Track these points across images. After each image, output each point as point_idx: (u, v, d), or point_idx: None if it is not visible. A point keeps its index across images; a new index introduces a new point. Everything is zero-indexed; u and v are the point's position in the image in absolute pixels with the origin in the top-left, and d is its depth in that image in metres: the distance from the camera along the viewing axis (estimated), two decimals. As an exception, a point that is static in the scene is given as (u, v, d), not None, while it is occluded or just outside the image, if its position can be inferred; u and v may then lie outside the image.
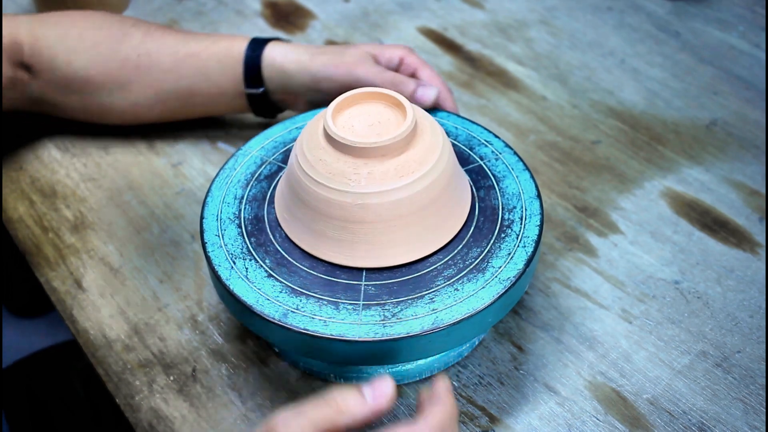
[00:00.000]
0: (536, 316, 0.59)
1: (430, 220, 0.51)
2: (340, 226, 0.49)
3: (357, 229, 0.49)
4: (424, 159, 0.49)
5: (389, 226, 0.49)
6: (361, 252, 0.50)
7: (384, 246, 0.50)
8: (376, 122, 0.51)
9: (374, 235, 0.49)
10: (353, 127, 0.50)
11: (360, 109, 0.52)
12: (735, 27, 0.89)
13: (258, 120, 0.78)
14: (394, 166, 0.49)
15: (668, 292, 0.60)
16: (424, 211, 0.50)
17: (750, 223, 0.66)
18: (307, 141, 0.51)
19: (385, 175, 0.48)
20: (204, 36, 0.69)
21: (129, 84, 0.67)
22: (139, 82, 0.67)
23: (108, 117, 0.71)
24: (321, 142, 0.50)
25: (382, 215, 0.49)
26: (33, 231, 0.68)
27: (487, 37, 0.89)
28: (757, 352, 0.56)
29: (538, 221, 0.53)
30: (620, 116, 0.77)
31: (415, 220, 0.50)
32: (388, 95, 0.51)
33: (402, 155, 0.49)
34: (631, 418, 0.52)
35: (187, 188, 0.71)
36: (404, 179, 0.48)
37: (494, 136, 0.60)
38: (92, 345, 0.58)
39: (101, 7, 0.92)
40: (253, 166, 0.59)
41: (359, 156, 0.48)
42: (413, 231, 0.50)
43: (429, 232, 0.51)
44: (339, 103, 0.51)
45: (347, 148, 0.48)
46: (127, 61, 0.67)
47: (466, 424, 0.52)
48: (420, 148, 0.50)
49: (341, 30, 0.91)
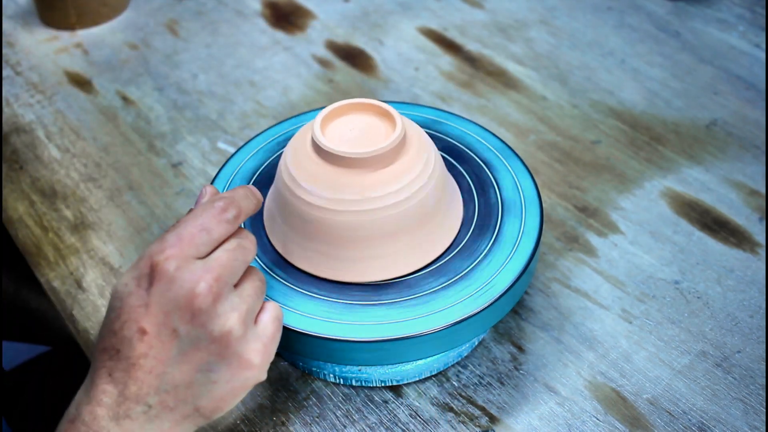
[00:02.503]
0: (536, 316, 0.59)
1: (423, 230, 0.50)
2: (328, 238, 0.49)
3: (347, 241, 0.49)
4: (414, 168, 0.49)
5: (382, 237, 0.49)
6: (351, 264, 0.50)
7: (377, 257, 0.50)
8: (364, 132, 0.50)
9: (367, 247, 0.49)
10: (341, 137, 0.50)
11: (348, 120, 0.51)
12: (735, 27, 0.89)
13: (258, 120, 0.78)
14: (384, 176, 0.48)
15: (668, 292, 0.60)
16: (417, 221, 0.50)
17: (750, 223, 0.66)
18: (294, 151, 0.51)
19: (375, 185, 0.48)
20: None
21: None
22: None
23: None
24: (309, 152, 0.50)
25: (375, 225, 0.48)
26: (33, 231, 0.68)
27: (487, 37, 0.89)
28: (757, 352, 0.56)
29: (538, 221, 0.53)
30: (620, 116, 0.77)
31: (408, 230, 0.49)
32: (376, 105, 0.51)
33: (392, 165, 0.49)
34: (631, 418, 0.52)
35: (187, 188, 0.71)
36: (395, 189, 0.48)
37: (494, 136, 0.60)
38: (92, 345, 0.58)
39: (101, 7, 0.92)
40: (253, 166, 0.59)
41: (348, 166, 0.48)
42: (406, 241, 0.50)
43: (421, 243, 0.51)
44: (327, 113, 0.51)
45: (335, 158, 0.48)
46: None
47: (466, 424, 0.52)
48: (409, 157, 0.49)
49: (341, 30, 0.91)
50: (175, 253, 0.39)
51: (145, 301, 0.39)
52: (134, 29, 0.92)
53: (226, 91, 0.82)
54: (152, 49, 0.89)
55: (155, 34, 0.92)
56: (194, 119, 0.78)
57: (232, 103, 0.80)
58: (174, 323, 0.39)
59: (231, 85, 0.83)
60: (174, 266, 0.39)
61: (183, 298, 0.39)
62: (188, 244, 0.40)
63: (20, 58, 0.88)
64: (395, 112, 0.50)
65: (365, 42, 0.89)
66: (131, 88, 0.83)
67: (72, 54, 0.89)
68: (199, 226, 0.41)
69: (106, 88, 0.83)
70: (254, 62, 0.86)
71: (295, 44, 0.89)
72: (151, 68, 0.86)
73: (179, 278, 0.39)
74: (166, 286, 0.39)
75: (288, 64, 0.86)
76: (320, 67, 0.85)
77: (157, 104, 0.81)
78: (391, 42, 0.89)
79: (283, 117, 0.78)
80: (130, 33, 0.92)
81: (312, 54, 0.87)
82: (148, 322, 0.39)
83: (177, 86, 0.83)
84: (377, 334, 0.47)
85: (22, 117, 0.80)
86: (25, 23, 0.94)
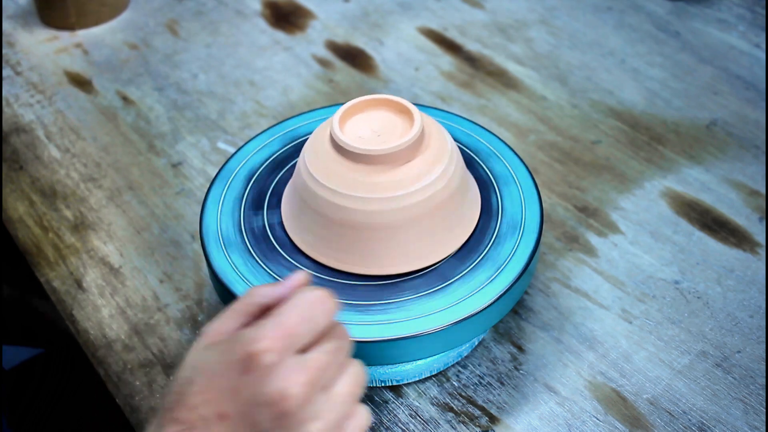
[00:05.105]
0: (536, 316, 0.59)
1: (441, 227, 0.50)
2: (347, 233, 0.49)
3: (366, 237, 0.49)
4: (434, 164, 0.49)
5: (400, 234, 0.49)
6: (369, 259, 0.50)
7: (393, 254, 0.50)
8: (383, 129, 0.50)
9: (384, 243, 0.49)
10: (360, 134, 0.50)
11: (367, 116, 0.51)
12: (735, 27, 0.89)
13: (258, 120, 0.78)
14: (403, 173, 0.48)
15: (668, 292, 0.60)
16: (435, 217, 0.50)
17: (750, 223, 0.66)
18: (314, 148, 0.51)
19: (394, 182, 0.48)
20: None
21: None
22: None
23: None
24: (328, 149, 0.50)
25: (392, 222, 0.49)
26: (33, 231, 0.68)
27: (487, 37, 0.89)
28: (757, 352, 0.56)
29: (538, 221, 0.53)
30: (620, 116, 0.77)
31: (427, 227, 0.50)
32: (395, 101, 0.51)
33: (411, 162, 0.49)
34: (631, 418, 0.52)
35: (187, 188, 0.71)
36: (414, 186, 0.48)
37: (494, 136, 0.60)
38: (92, 345, 0.58)
39: (101, 7, 0.92)
40: (253, 166, 0.59)
41: (367, 163, 0.48)
42: (424, 238, 0.50)
43: (439, 239, 0.51)
44: (346, 110, 0.51)
45: (354, 156, 0.48)
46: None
47: (466, 424, 0.52)
48: (429, 153, 0.49)
49: (341, 30, 0.91)
50: (273, 346, 0.37)
51: (233, 386, 0.37)
52: (134, 29, 0.92)
53: (226, 91, 0.82)
54: (152, 49, 0.89)
55: (155, 34, 0.92)
56: (194, 119, 0.78)
57: (232, 103, 0.80)
58: (257, 417, 0.37)
59: (231, 85, 0.83)
60: (271, 360, 0.37)
61: (273, 396, 0.37)
62: (288, 337, 0.38)
63: (20, 58, 0.88)
64: (413, 107, 0.50)
65: (365, 42, 0.89)
66: (131, 88, 0.83)
67: (72, 54, 0.89)
68: (300, 317, 0.38)
69: (106, 88, 0.83)
70: (254, 62, 0.86)
71: (295, 44, 0.89)
72: (151, 68, 0.86)
73: (274, 375, 0.37)
74: (259, 379, 0.37)
75: (288, 64, 0.86)
76: (320, 67, 0.85)
77: (157, 104, 0.81)
78: (391, 42, 0.89)
79: (283, 117, 0.78)
80: (130, 33, 0.92)
81: (312, 54, 0.87)
82: (232, 408, 0.37)
83: (177, 86, 0.83)
84: (378, 333, 0.47)
85: (22, 117, 0.80)
86: (25, 23, 0.94)
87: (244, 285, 0.50)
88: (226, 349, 0.38)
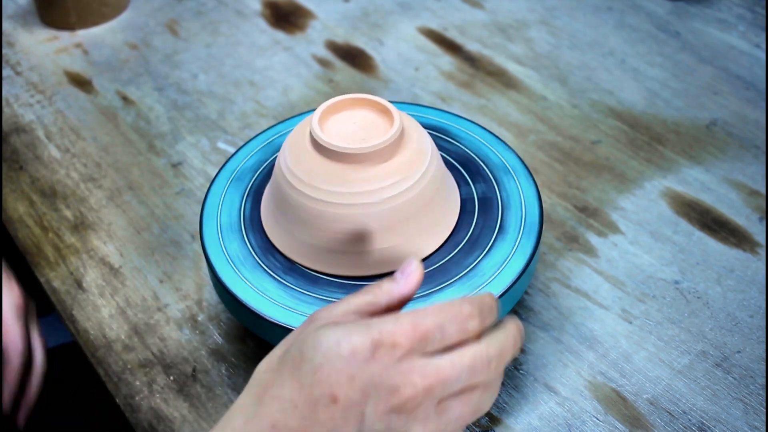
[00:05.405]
0: (536, 316, 0.59)
1: (423, 224, 0.50)
2: (327, 234, 0.49)
3: (346, 237, 0.49)
4: (413, 163, 0.49)
5: (381, 232, 0.49)
6: (352, 260, 0.50)
7: (379, 252, 0.50)
8: (362, 128, 0.50)
9: (367, 242, 0.49)
10: (340, 132, 0.50)
11: (346, 115, 0.51)
12: (735, 27, 0.89)
13: (258, 120, 0.78)
14: (382, 172, 0.48)
15: (668, 292, 0.60)
16: (416, 216, 0.50)
17: (750, 223, 0.66)
18: (292, 147, 0.51)
19: (373, 180, 0.48)
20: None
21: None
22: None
23: None
24: (307, 147, 0.50)
25: (373, 221, 0.49)
26: (33, 231, 0.68)
27: (487, 37, 0.89)
28: (757, 352, 0.56)
29: (538, 221, 0.53)
30: (620, 116, 0.77)
31: (408, 225, 0.50)
32: (374, 101, 0.51)
33: (390, 160, 0.49)
34: (631, 418, 0.52)
35: (187, 188, 0.71)
36: (393, 184, 0.48)
37: (494, 136, 0.60)
38: (92, 345, 0.58)
39: (101, 7, 0.92)
40: (253, 166, 0.59)
41: (346, 162, 0.48)
42: (405, 236, 0.50)
43: (421, 236, 0.51)
44: (325, 108, 0.51)
45: (334, 154, 0.48)
46: None
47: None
48: (408, 152, 0.49)
49: (341, 30, 0.91)
50: (403, 342, 0.37)
51: (352, 372, 0.36)
52: (134, 29, 0.92)
53: (226, 91, 0.82)
54: (152, 49, 0.89)
55: (155, 34, 0.92)
56: (194, 119, 0.78)
57: (232, 103, 0.80)
58: (366, 408, 0.36)
59: (231, 85, 0.83)
60: (397, 355, 0.37)
61: (387, 390, 0.36)
62: (419, 338, 0.37)
63: (20, 58, 0.88)
64: (393, 107, 0.50)
65: (365, 42, 0.89)
66: (131, 88, 0.83)
67: (72, 54, 0.89)
68: (437, 325, 0.38)
69: (106, 88, 0.83)
70: (254, 62, 0.86)
71: (295, 44, 0.89)
72: (151, 68, 0.86)
73: (395, 370, 0.36)
74: (380, 371, 0.36)
75: (288, 64, 0.86)
76: (320, 67, 0.85)
77: (157, 104, 0.81)
78: (391, 42, 0.89)
79: (283, 117, 0.78)
80: (130, 33, 0.92)
81: (312, 54, 0.87)
82: (344, 393, 0.36)
83: (177, 86, 0.83)
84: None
85: (22, 117, 0.80)
86: (25, 23, 0.94)
87: (244, 285, 0.50)
88: (353, 330, 0.37)
